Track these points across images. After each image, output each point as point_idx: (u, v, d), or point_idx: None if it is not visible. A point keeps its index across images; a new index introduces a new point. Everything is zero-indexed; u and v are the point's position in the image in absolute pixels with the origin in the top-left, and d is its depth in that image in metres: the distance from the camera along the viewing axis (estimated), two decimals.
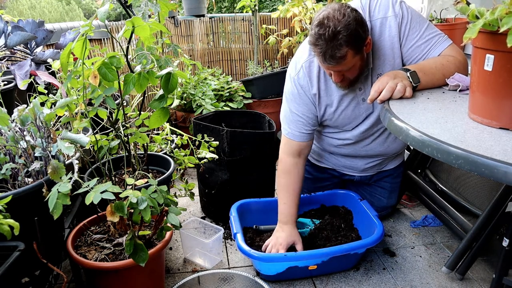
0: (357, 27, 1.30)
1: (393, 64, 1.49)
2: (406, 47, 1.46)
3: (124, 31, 1.20)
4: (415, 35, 1.45)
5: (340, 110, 1.61)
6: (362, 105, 1.60)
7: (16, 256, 1.04)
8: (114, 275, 1.34)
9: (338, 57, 1.32)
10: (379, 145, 1.73)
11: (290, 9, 3.01)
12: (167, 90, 1.21)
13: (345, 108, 1.61)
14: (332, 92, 1.59)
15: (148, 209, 1.21)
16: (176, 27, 3.30)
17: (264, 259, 1.52)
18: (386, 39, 1.46)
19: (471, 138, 0.90)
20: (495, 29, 0.84)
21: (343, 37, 1.28)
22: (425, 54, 1.44)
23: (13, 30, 1.96)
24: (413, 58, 1.47)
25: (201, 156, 1.79)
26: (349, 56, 1.33)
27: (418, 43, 1.44)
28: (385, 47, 1.47)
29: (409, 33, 1.45)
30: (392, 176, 1.90)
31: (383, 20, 1.46)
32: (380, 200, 1.94)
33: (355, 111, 1.62)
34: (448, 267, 1.57)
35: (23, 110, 1.34)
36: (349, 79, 1.47)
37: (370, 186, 1.95)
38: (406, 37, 1.45)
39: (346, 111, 1.61)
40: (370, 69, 1.51)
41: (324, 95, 1.59)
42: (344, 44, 1.29)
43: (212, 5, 6.07)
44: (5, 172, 1.32)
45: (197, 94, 2.77)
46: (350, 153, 1.79)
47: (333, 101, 1.60)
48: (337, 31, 1.28)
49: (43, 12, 16.47)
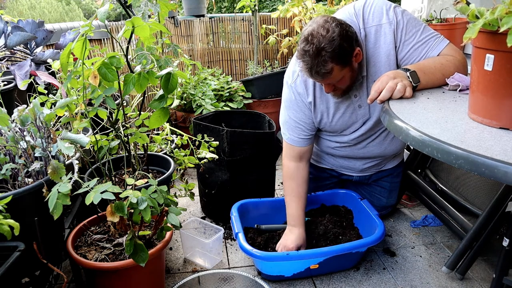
0: (341, 42, 1.31)
1: (389, 66, 1.49)
2: (404, 51, 1.46)
3: (124, 31, 1.20)
4: (412, 39, 1.45)
5: (336, 117, 1.62)
6: (359, 111, 1.60)
7: (16, 256, 1.04)
8: (114, 275, 1.34)
9: (323, 73, 1.34)
10: (376, 147, 1.73)
11: (290, 9, 3.01)
12: (167, 90, 1.21)
13: (342, 115, 1.62)
14: (328, 100, 1.59)
15: (148, 209, 1.21)
16: (176, 27, 3.30)
17: (266, 258, 1.52)
18: (382, 46, 1.47)
19: (471, 138, 0.90)
20: (495, 29, 0.84)
21: (326, 53, 1.30)
22: (423, 56, 1.44)
23: (13, 30, 1.96)
24: (412, 62, 1.47)
25: (201, 156, 1.79)
26: (335, 70, 1.35)
27: (416, 46, 1.45)
28: (380, 54, 1.48)
29: (406, 37, 1.45)
30: (391, 175, 1.90)
31: (377, 27, 1.46)
32: (379, 200, 1.94)
33: (352, 117, 1.62)
34: (448, 267, 1.57)
35: (23, 110, 1.34)
36: (341, 89, 1.49)
37: (370, 186, 1.95)
38: (403, 43, 1.45)
39: (343, 117, 1.62)
40: (365, 76, 1.52)
41: (319, 103, 1.60)
42: (329, 60, 1.31)
43: (212, 5, 6.08)
44: (5, 172, 1.32)
45: (197, 94, 2.77)
46: (348, 155, 1.79)
47: (329, 108, 1.61)
48: (321, 47, 1.29)
49: (43, 12, 16.46)
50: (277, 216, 1.86)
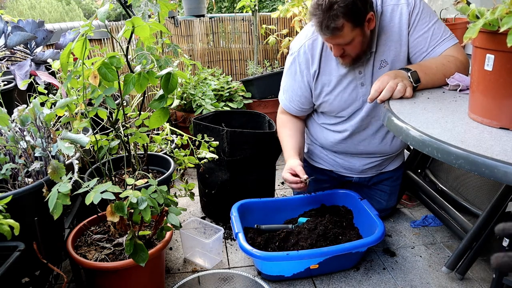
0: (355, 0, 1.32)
1: (399, 51, 1.50)
2: (414, 36, 1.48)
3: (124, 31, 1.20)
4: (423, 26, 1.46)
5: (337, 91, 1.62)
6: (360, 89, 1.60)
7: (16, 256, 1.03)
8: (114, 275, 1.34)
9: (333, 27, 1.33)
10: (378, 141, 1.72)
11: (290, 9, 3.01)
12: (167, 90, 1.21)
13: (343, 90, 1.61)
14: (331, 72, 1.60)
15: (148, 209, 1.21)
16: (176, 27, 3.30)
17: (265, 258, 1.52)
18: (396, 25, 1.48)
19: (471, 138, 0.90)
20: (495, 29, 0.84)
21: (339, 8, 1.30)
22: (430, 48, 1.46)
23: (13, 30, 1.96)
24: (418, 50, 1.48)
25: (201, 156, 1.78)
26: (346, 28, 1.34)
27: (425, 35, 1.46)
28: (393, 33, 1.48)
29: (418, 23, 1.46)
30: (391, 179, 1.90)
31: (394, 6, 1.47)
32: (379, 203, 1.94)
33: (352, 95, 1.61)
34: (448, 267, 1.57)
35: (23, 110, 1.34)
36: (351, 56, 1.48)
37: (370, 189, 1.94)
38: (415, 27, 1.47)
39: (343, 93, 1.62)
40: (373, 53, 1.52)
41: (323, 73, 1.61)
42: (340, 15, 1.31)
43: (212, 5, 6.07)
44: (5, 172, 1.32)
45: (197, 94, 2.77)
46: (347, 150, 1.78)
47: (331, 81, 1.61)
48: (334, 1, 1.30)
49: (43, 12, 16.46)
50: (277, 216, 1.86)
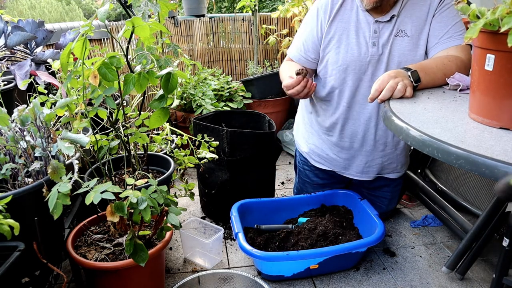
0: None
1: (422, 28, 1.55)
2: (436, 19, 1.53)
3: (124, 31, 1.20)
4: (449, 16, 1.51)
5: (347, 41, 1.63)
6: (370, 49, 1.60)
7: (16, 256, 1.03)
8: (114, 275, 1.34)
9: None
10: (380, 127, 1.69)
11: (290, 9, 3.01)
12: (167, 90, 1.21)
13: (354, 40, 1.63)
14: (349, 21, 1.63)
15: (148, 209, 1.20)
16: (176, 27, 3.30)
17: (265, 258, 1.52)
18: (426, 4, 1.54)
19: (471, 138, 0.90)
20: (496, 29, 0.84)
21: None
22: (442, 39, 1.51)
23: (13, 30, 1.96)
24: (431, 36, 1.53)
25: (201, 156, 1.78)
26: None
27: (442, 24, 1.51)
28: (422, 11, 1.55)
29: (446, 11, 1.52)
30: (392, 185, 1.90)
31: None
32: (379, 208, 1.93)
33: (361, 50, 1.62)
34: (448, 267, 1.57)
35: (23, 110, 1.34)
36: None
37: (370, 195, 1.93)
38: (441, 12, 1.53)
39: (352, 46, 1.63)
40: (395, 18, 1.56)
41: (339, 20, 1.64)
42: None
43: (212, 5, 6.07)
44: (5, 172, 1.32)
45: (197, 94, 2.77)
46: (348, 133, 1.75)
47: (344, 29, 1.64)
48: None
49: (43, 12, 16.46)
50: (277, 216, 1.86)
